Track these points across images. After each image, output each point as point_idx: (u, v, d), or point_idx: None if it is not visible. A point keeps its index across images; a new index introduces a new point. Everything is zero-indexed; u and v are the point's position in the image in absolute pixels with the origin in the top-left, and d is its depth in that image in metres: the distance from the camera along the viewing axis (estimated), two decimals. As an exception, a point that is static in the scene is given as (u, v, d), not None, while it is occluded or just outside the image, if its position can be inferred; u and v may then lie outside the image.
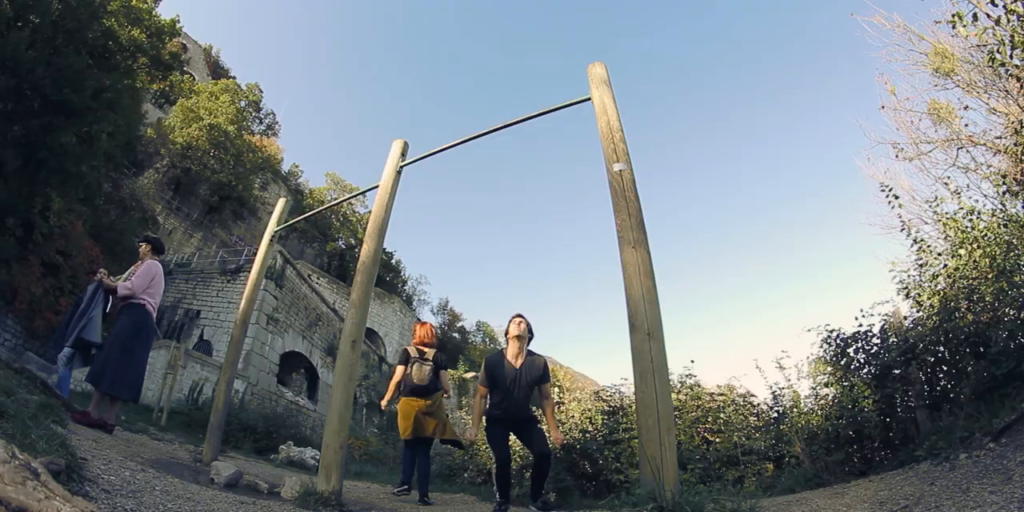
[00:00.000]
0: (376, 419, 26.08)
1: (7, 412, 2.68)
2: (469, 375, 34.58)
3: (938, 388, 4.98)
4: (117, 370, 5.12)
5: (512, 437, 4.66)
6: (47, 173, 13.36)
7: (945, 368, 5.00)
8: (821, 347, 5.80)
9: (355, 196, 17.60)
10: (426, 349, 5.34)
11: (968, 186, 6.70)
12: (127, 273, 5.62)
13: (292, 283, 22.47)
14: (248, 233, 34.98)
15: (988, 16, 5.71)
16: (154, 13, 19.33)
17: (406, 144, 4.46)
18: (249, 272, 6.85)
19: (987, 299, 4.76)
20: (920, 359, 4.94)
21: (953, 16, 5.86)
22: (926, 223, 6.87)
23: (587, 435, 6.72)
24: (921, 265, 5.83)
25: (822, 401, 5.59)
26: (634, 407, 5.05)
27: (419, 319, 40.25)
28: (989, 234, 5.27)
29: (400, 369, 5.25)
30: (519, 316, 4.67)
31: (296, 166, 50.35)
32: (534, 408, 4.65)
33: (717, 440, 6.25)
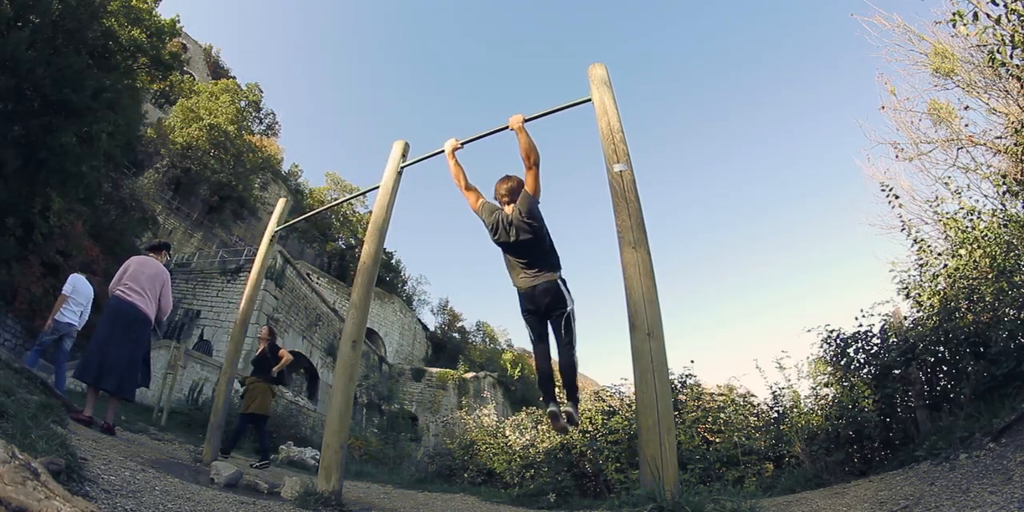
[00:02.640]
0: (376, 419, 26.09)
1: (7, 412, 2.68)
2: (469, 375, 34.56)
3: (938, 388, 4.98)
4: (101, 364, 5.06)
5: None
6: (47, 173, 13.37)
7: (945, 368, 5.00)
8: (821, 347, 5.81)
9: (356, 197, 17.58)
10: None
11: (968, 186, 6.70)
12: None
13: (292, 283, 22.47)
14: (248, 233, 34.99)
15: (988, 16, 5.70)
16: (154, 13, 19.33)
17: (407, 145, 4.46)
18: (249, 272, 6.86)
19: (987, 299, 4.76)
20: (920, 359, 4.94)
21: (954, 14, 5.86)
22: (926, 223, 6.88)
23: (587, 435, 6.72)
24: (921, 265, 5.84)
25: (822, 401, 5.60)
26: (634, 407, 5.06)
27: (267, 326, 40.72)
28: (989, 234, 5.28)
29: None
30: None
31: (296, 166, 50.30)
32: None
33: (717, 440, 6.25)
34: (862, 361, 5.49)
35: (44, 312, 14.52)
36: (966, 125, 7.32)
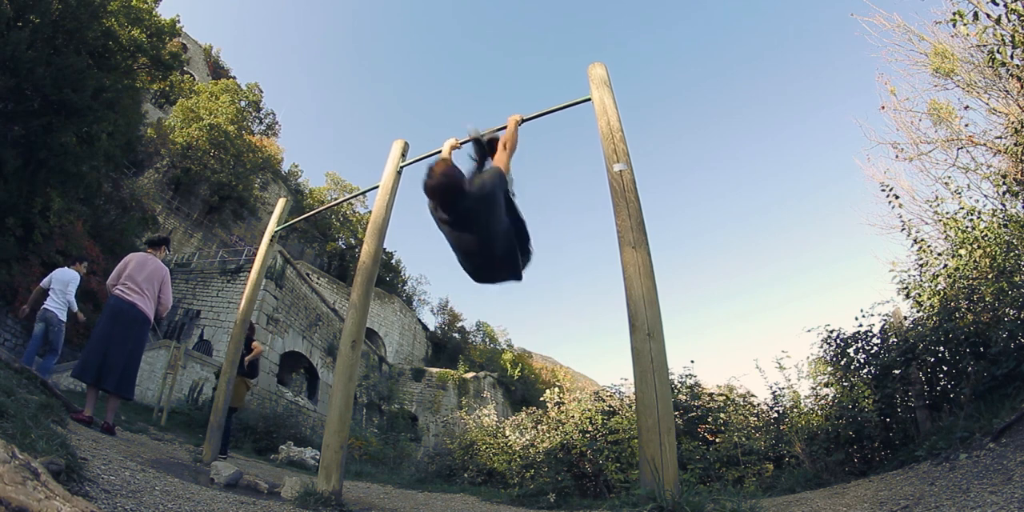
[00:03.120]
0: (376, 419, 26.09)
1: (7, 412, 2.68)
2: (469, 375, 34.54)
3: (938, 388, 4.98)
4: (102, 363, 5.06)
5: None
6: (47, 173, 13.36)
7: (945, 368, 5.00)
8: (821, 347, 5.80)
9: (355, 196, 17.48)
10: None
11: (968, 186, 6.70)
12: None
13: (292, 283, 22.47)
14: (248, 233, 34.98)
15: (988, 16, 5.70)
16: (154, 13, 19.29)
17: (406, 144, 4.46)
18: (249, 272, 6.86)
19: (987, 299, 4.76)
20: (920, 359, 4.94)
21: (954, 14, 5.87)
22: (926, 223, 6.88)
23: (587, 435, 6.72)
24: (921, 265, 5.84)
25: (822, 401, 5.60)
26: (634, 407, 5.06)
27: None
28: (989, 234, 5.28)
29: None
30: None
31: (296, 166, 50.31)
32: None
33: (717, 440, 6.25)
34: (862, 361, 5.49)
35: (44, 312, 14.57)
36: (966, 125, 7.32)
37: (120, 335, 5.20)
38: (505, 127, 3.61)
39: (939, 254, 5.75)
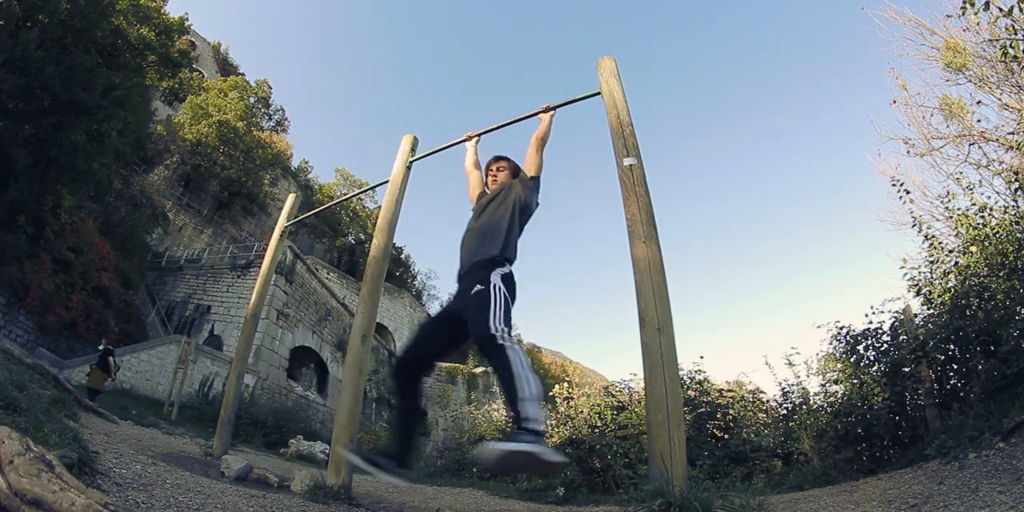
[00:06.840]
0: (386, 413, 26.19)
1: (20, 406, 2.71)
2: (479, 370, 34.56)
3: (948, 386, 4.95)
4: None
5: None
6: (58, 171, 13.49)
7: (955, 366, 4.97)
8: (831, 344, 5.78)
9: (365, 191, 17.52)
10: None
11: (980, 182, 6.62)
12: None
13: (302, 278, 22.55)
14: (258, 229, 35.10)
15: (1000, 10, 5.63)
16: (162, 11, 19.39)
17: (415, 139, 4.46)
18: (259, 267, 6.88)
19: (998, 297, 4.72)
20: (930, 357, 4.91)
21: (964, 2, 5.78)
22: (937, 220, 6.81)
23: (596, 430, 6.73)
24: (932, 262, 5.79)
25: (831, 398, 5.58)
26: (643, 402, 5.06)
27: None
28: (1001, 231, 5.23)
29: None
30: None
31: (305, 162, 50.37)
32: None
33: (726, 436, 6.24)
34: (872, 358, 5.46)
35: (55, 308, 14.70)
36: (978, 121, 7.24)
37: None
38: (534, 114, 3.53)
39: (950, 251, 5.70)
